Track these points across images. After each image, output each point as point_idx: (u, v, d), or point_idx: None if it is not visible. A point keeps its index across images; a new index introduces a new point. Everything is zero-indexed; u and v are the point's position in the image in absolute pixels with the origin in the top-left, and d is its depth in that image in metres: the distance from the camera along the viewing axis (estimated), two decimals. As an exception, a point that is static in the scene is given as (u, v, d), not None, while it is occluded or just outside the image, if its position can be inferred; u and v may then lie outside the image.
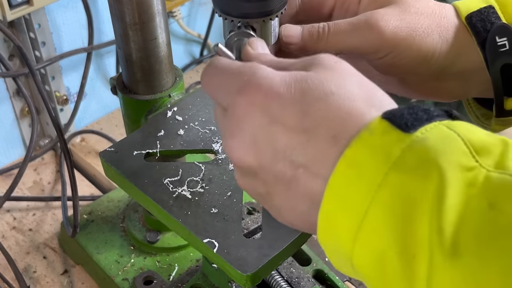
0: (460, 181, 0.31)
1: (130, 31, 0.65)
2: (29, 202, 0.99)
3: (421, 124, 0.33)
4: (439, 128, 0.33)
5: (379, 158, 0.33)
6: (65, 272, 0.88)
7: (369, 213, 0.32)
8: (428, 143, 0.32)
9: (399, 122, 0.33)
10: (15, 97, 1.02)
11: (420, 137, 0.32)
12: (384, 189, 0.32)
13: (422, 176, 0.31)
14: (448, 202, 0.30)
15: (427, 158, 0.31)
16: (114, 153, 0.62)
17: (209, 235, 0.53)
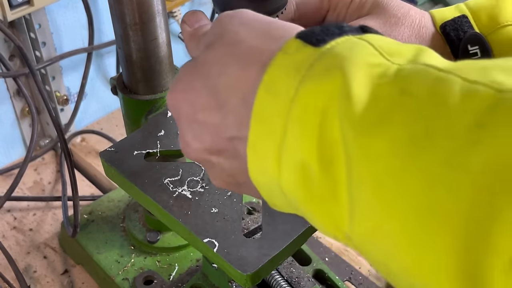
0: (367, 75, 0.31)
1: (130, 31, 0.65)
2: (30, 202, 0.99)
3: (332, 38, 0.34)
4: (350, 40, 0.33)
5: (291, 74, 0.33)
6: (66, 272, 0.89)
7: (287, 130, 0.33)
8: (334, 51, 0.32)
9: (310, 38, 0.34)
10: (15, 97, 1.02)
11: (328, 48, 0.33)
12: (296, 103, 0.32)
13: (325, 81, 0.31)
14: (356, 95, 0.30)
15: (331, 63, 0.32)
16: (115, 153, 0.62)
17: (209, 235, 0.53)
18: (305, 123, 0.32)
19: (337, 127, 0.30)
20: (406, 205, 0.28)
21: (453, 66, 0.30)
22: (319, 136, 0.31)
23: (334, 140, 0.31)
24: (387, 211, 0.29)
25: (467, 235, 0.26)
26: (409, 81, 0.30)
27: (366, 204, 0.30)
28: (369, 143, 0.29)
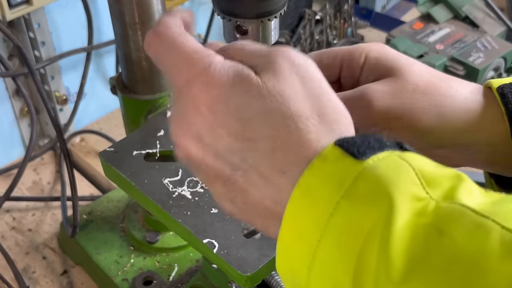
0: (410, 211, 0.31)
1: (129, 31, 0.65)
2: (29, 202, 0.99)
3: (373, 152, 0.33)
4: (391, 158, 0.33)
5: (332, 186, 0.33)
6: (65, 273, 0.88)
7: (322, 243, 0.32)
8: (380, 172, 0.32)
9: (352, 149, 0.33)
10: (14, 97, 1.01)
11: (372, 165, 0.33)
12: (335, 218, 0.32)
13: (372, 205, 0.31)
14: (397, 231, 0.30)
15: (378, 186, 0.32)
16: (114, 153, 0.62)
17: (209, 235, 0.53)
18: (345, 243, 0.32)
19: (374, 255, 0.30)
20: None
21: (490, 210, 0.30)
22: (357, 261, 0.31)
23: (369, 269, 0.31)
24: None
25: None
26: (447, 223, 0.30)
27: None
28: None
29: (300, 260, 0.34)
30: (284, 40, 1.21)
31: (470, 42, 1.16)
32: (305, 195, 0.33)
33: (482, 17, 1.24)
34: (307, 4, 1.27)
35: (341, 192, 0.32)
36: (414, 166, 0.33)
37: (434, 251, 0.29)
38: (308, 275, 0.33)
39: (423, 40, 1.18)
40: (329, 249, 0.32)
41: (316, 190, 0.33)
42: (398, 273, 0.30)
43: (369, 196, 0.32)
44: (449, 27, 1.22)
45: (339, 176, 0.33)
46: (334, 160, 0.33)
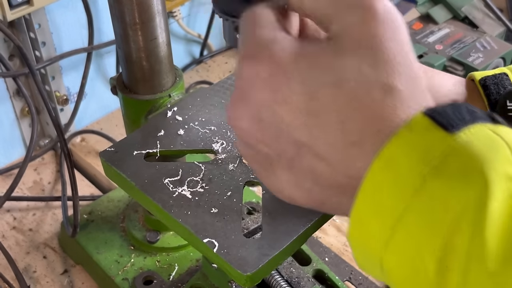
0: (505, 192, 0.29)
1: (130, 31, 0.65)
2: (29, 202, 0.99)
3: (465, 125, 0.31)
4: (484, 131, 0.31)
5: (419, 159, 0.31)
6: (65, 272, 0.89)
7: (404, 219, 0.31)
8: (472, 148, 0.30)
9: (442, 119, 0.31)
10: (15, 97, 1.02)
11: (464, 139, 0.30)
12: (421, 195, 0.30)
13: (465, 184, 0.29)
14: (492, 214, 0.28)
15: (471, 164, 0.30)
16: (114, 153, 0.62)
17: (209, 235, 0.53)
18: (431, 221, 0.30)
19: (465, 240, 0.29)
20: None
21: None
22: (445, 239, 0.29)
23: (459, 252, 0.29)
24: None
25: None
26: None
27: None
28: (499, 281, 0.28)
29: (376, 235, 0.32)
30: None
31: (469, 43, 1.16)
32: (387, 167, 0.31)
33: (482, 17, 1.24)
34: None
35: (429, 166, 0.30)
36: (508, 141, 0.31)
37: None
38: (384, 251, 0.32)
39: (423, 40, 1.18)
40: (411, 226, 0.30)
41: (401, 162, 0.31)
42: (494, 260, 0.28)
43: (461, 173, 0.30)
44: (449, 27, 1.22)
45: (427, 148, 0.31)
46: (422, 131, 0.31)
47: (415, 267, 0.31)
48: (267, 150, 0.37)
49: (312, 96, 0.34)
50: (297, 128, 0.35)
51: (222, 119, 0.67)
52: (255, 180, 0.59)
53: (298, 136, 0.35)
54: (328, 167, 0.34)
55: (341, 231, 0.93)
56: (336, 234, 0.92)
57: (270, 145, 0.37)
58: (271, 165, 0.38)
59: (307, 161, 0.35)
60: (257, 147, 0.38)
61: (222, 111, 0.68)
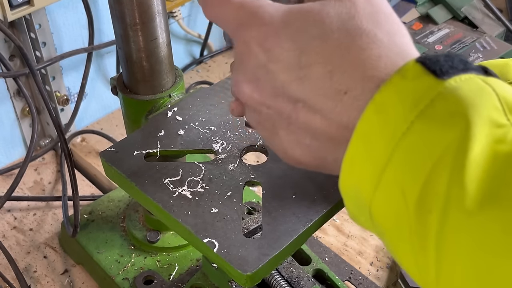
0: (488, 136, 0.29)
1: (130, 32, 0.65)
2: (30, 202, 0.99)
3: (456, 73, 0.32)
4: (474, 80, 0.32)
5: (408, 104, 0.31)
6: (66, 272, 0.89)
7: (392, 161, 0.31)
8: (460, 93, 0.31)
9: (434, 67, 0.32)
10: (15, 97, 1.02)
11: (453, 85, 0.31)
12: (408, 137, 0.31)
13: (448, 126, 0.30)
14: (473, 156, 0.29)
15: (456, 108, 0.30)
16: (115, 153, 0.62)
17: (209, 234, 0.53)
18: (414, 163, 0.31)
19: (444, 182, 0.29)
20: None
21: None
22: (425, 181, 0.30)
23: (438, 194, 0.29)
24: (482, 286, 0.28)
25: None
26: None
27: (456, 275, 0.29)
28: (477, 222, 0.28)
29: (366, 177, 0.33)
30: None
31: (469, 43, 1.16)
32: (379, 111, 0.32)
33: (481, 17, 1.24)
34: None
35: (416, 111, 0.31)
36: (498, 91, 0.31)
37: (511, 187, 0.28)
38: (373, 193, 0.33)
39: (423, 40, 1.18)
40: (397, 168, 0.31)
41: (392, 107, 0.32)
42: (472, 201, 0.28)
43: (445, 117, 0.30)
44: (448, 27, 1.22)
45: (417, 94, 0.31)
46: (414, 77, 0.32)
47: (399, 211, 0.32)
48: (268, 111, 0.39)
49: (302, 51, 0.36)
50: (291, 84, 0.36)
51: (222, 119, 0.67)
52: (255, 180, 0.59)
53: (292, 92, 0.36)
54: (323, 120, 0.36)
55: (341, 231, 0.93)
56: (336, 234, 0.93)
57: (269, 105, 0.38)
58: (274, 126, 0.39)
59: (303, 116, 0.36)
60: (259, 109, 0.39)
61: (222, 111, 0.68)
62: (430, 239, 0.30)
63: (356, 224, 0.39)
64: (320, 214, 0.55)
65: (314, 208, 0.56)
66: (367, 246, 0.91)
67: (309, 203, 0.56)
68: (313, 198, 0.56)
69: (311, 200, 0.56)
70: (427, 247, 0.30)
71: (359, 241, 0.91)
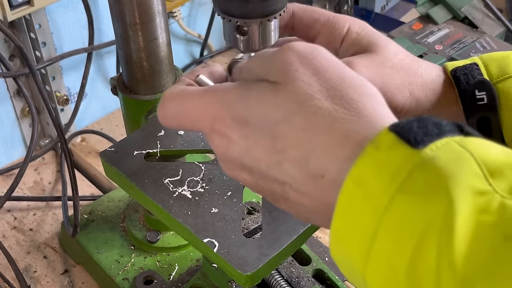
0: (472, 207, 0.29)
1: (130, 32, 0.65)
2: (30, 202, 0.99)
3: (431, 140, 0.31)
4: (451, 146, 0.31)
5: (386, 176, 0.31)
6: (66, 272, 0.89)
7: (378, 236, 0.31)
8: (438, 163, 0.30)
9: (408, 136, 0.31)
10: (15, 97, 1.02)
11: (430, 155, 0.30)
12: (390, 212, 0.30)
13: (430, 201, 0.29)
14: (458, 231, 0.28)
15: (436, 181, 0.30)
16: (115, 153, 0.62)
17: (209, 234, 0.53)
18: (398, 237, 0.30)
19: (433, 255, 0.29)
20: None
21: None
22: (412, 256, 0.30)
23: (427, 270, 0.29)
24: None
25: None
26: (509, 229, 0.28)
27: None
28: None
29: (355, 251, 0.33)
30: (284, 41, 1.22)
31: (469, 43, 1.16)
32: (358, 185, 0.32)
33: (481, 17, 1.24)
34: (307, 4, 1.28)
35: (395, 184, 0.30)
36: (476, 154, 0.30)
37: (500, 259, 0.27)
38: (365, 267, 0.32)
39: (422, 40, 1.18)
40: (384, 244, 0.31)
41: (370, 181, 0.31)
42: (461, 278, 0.28)
43: (426, 190, 0.30)
44: (448, 27, 1.22)
45: (394, 166, 0.31)
46: (388, 148, 0.31)
47: (391, 284, 0.31)
48: (262, 190, 0.40)
49: (274, 136, 0.36)
50: (273, 168, 0.37)
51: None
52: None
53: (277, 175, 0.37)
54: (310, 200, 0.36)
55: (341, 231, 0.93)
56: (336, 234, 0.93)
57: (262, 186, 0.39)
58: (274, 199, 0.40)
59: (293, 196, 0.37)
60: (257, 188, 0.40)
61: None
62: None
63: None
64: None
65: (314, 208, 0.56)
66: (367, 246, 0.91)
67: (309, 203, 0.56)
68: (313, 198, 0.56)
69: (311, 200, 0.56)
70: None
71: (359, 241, 0.91)
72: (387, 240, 0.31)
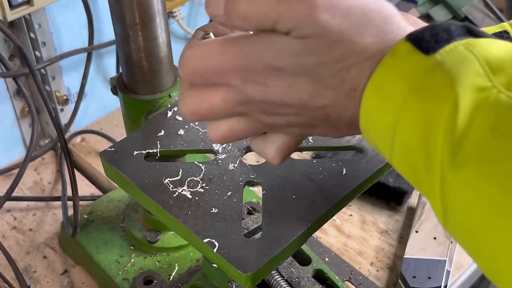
0: (472, 103, 0.33)
1: (130, 31, 0.65)
2: (29, 202, 0.99)
3: (441, 46, 0.36)
4: (458, 50, 0.35)
5: (402, 81, 0.36)
6: (65, 272, 0.89)
7: (397, 132, 0.37)
8: (445, 67, 0.35)
9: (420, 44, 0.36)
10: (15, 97, 1.02)
11: (439, 59, 0.35)
12: (406, 111, 0.36)
13: (439, 100, 0.34)
14: (459, 123, 0.33)
15: (443, 82, 0.34)
16: (114, 153, 0.62)
17: (209, 235, 0.53)
18: (413, 131, 0.36)
19: (439, 143, 0.34)
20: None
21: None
22: (425, 145, 0.35)
23: (436, 154, 0.34)
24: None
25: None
26: (502, 121, 0.32)
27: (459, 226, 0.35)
28: (460, 177, 0.33)
29: (382, 145, 0.39)
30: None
31: (469, 43, 1.16)
32: (377, 89, 0.37)
33: (481, 17, 1.24)
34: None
35: (408, 88, 0.36)
36: (479, 55, 0.35)
37: (487, 147, 0.32)
38: (391, 156, 0.39)
39: (423, 40, 1.18)
40: (403, 138, 0.37)
41: (387, 85, 0.37)
42: (458, 160, 0.33)
43: (435, 91, 0.35)
44: (449, 27, 1.22)
45: (408, 71, 0.36)
46: (403, 56, 0.36)
47: (414, 173, 0.37)
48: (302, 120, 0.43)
49: (312, 74, 0.40)
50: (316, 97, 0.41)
51: (222, 119, 0.67)
52: (255, 180, 0.59)
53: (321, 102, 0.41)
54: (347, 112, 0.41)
55: (341, 231, 0.93)
56: (336, 234, 0.92)
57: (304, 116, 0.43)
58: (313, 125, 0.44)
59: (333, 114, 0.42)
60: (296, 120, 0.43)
61: (222, 111, 0.68)
62: (436, 193, 0.35)
63: (357, 222, 0.44)
64: (320, 214, 0.55)
65: (314, 208, 0.55)
66: (367, 247, 0.91)
67: (309, 203, 0.56)
68: (313, 198, 0.56)
69: (311, 200, 0.56)
70: (434, 195, 0.35)
71: (359, 241, 0.91)
72: (404, 135, 0.36)
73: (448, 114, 0.34)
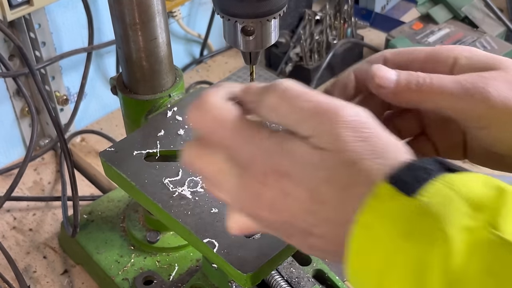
0: (464, 244, 0.33)
1: (130, 31, 0.65)
2: (29, 202, 0.99)
3: (422, 184, 0.35)
4: (439, 189, 0.35)
5: (390, 225, 0.35)
6: (65, 272, 0.89)
7: (388, 275, 0.35)
8: (431, 209, 0.34)
9: (402, 187, 0.35)
10: (15, 97, 1.02)
11: (423, 201, 0.35)
12: (397, 255, 0.35)
13: (429, 242, 0.34)
14: (454, 265, 0.33)
15: (432, 224, 0.34)
16: (114, 153, 0.62)
17: (209, 235, 0.53)
18: (405, 275, 0.34)
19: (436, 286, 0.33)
20: None
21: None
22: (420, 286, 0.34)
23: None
24: None
25: None
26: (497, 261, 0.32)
27: None
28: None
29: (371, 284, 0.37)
30: (284, 40, 1.22)
31: (469, 43, 1.16)
32: (366, 232, 0.36)
33: (482, 17, 1.24)
34: (307, 4, 1.27)
35: (397, 230, 0.35)
36: (462, 194, 0.35)
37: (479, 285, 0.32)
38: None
39: (423, 40, 1.18)
40: (394, 282, 0.35)
41: (375, 228, 0.36)
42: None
43: (425, 234, 0.34)
44: (449, 27, 1.22)
45: (394, 215, 0.35)
46: (387, 199, 0.35)
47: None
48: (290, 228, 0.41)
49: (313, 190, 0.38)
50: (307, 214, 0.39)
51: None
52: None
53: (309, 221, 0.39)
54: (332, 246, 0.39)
55: (341, 231, 0.93)
56: (336, 234, 0.92)
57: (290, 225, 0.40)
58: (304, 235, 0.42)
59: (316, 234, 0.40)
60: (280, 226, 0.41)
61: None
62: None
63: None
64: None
65: (314, 208, 0.55)
66: (367, 246, 0.91)
67: (309, 203, 0.56)
68: (313, 198, 0.56)
69: (311, 200, 0.56)
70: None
71: (359, 241, 0.91)
72: (395, 279, 0.35)
73: (442, 256, 0.33)
